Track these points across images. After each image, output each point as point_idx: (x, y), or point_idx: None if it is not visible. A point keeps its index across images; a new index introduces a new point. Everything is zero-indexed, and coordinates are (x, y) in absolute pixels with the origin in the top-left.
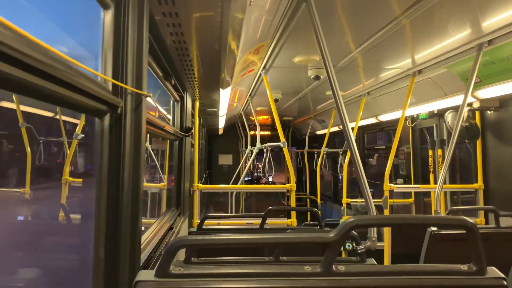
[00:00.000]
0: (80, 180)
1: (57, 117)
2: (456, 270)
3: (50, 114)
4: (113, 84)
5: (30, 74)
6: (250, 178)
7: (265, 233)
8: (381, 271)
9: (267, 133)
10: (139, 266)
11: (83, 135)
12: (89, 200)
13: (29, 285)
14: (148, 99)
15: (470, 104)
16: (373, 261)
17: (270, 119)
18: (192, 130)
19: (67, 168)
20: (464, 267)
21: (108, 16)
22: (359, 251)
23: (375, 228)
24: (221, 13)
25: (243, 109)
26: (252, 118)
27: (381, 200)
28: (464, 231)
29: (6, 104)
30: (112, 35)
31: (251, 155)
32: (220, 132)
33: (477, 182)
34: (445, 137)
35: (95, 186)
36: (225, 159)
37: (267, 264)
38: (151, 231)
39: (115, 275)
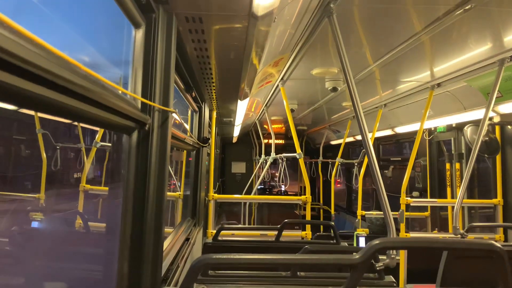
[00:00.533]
0: (99, 187)
1: (75, 123)
2: None
3: (67, 120)
4: (142, 102)
5: (63, 94)
6: (262, 187)
7: (282, 246)
8: None
9: (281, 141)
10: (160, 280)
11: (101, 143)
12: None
13: None
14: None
15: (490, 119)
16: (392, 278)
17: (284, 128)
18: (209, 141)
19: (85, 175)
20: None
21: (139, 35)
22: (377, 268)
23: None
24: (246, 31)
25: (258, 118)
26: (266, 126)
27: (397, 213)
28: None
29: (24, 110)
30: (142, 53)
31: (265, 164)
32: (234, 140)
33: (496, 197)
34: (463, 151)
35: (121, 201)
36: (238, 167)
37: (289, 280)
38: (169, 243)
39: None
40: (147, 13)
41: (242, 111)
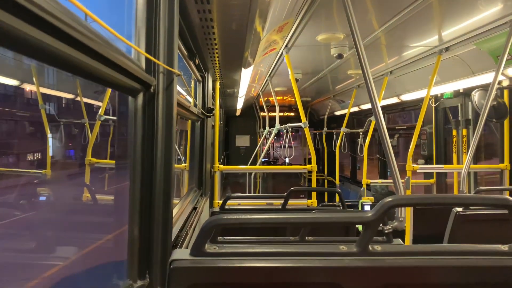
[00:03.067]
0: (105, 161)
1: (78, 99)
2: (496, 250)
3: (70, 96)
4: (147, 63)
5: (70, 46)
6: (266, 159)
7: (289, 213)
8: (419, 251)
9: (284, 114)
10: (171, 245)
11: (105, 116)
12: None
13: (64, 262)
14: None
15: (499, 83)
16: (400, 241)
17: (287, 99)
18: (214, 111)
19: (90, 150)
20: (504, 247)
21: None
22: (386, 231)
23: (403, 208)
24: None
25: (261, 90)
26: (271, 98)
27: (403, 180)
28: (490, 212)
29: (27, 86)
30: (145, 13)
31: (270, 136)
32: (238, 113)
33: (503, 162)
34: (470, 117)
35: (129, 166)
36: (242, 141)
37: (299, 244)
38: (176, 211)
39: (149, 254)
40: None
41: (246, 81)
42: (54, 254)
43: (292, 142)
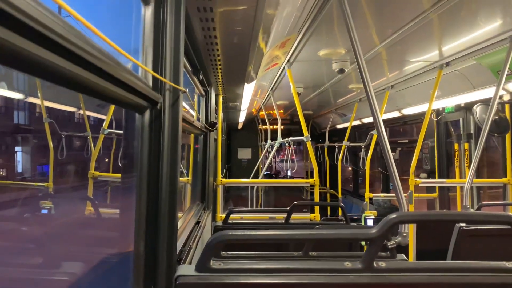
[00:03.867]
0: (108, 174)
1: (81, 112)
2: (501, 267)
3: (73, 109)
4: (153, 80)
5: (77, 66)
6: (268, 172)
7: (292, 228)
8: (424, 268)
9: (285, 127)
10: (176, 260)
11: (109, 130)
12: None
13: (69, 277)
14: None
15: (500, 97)
16: (404, 256)
17: (288, 113)
18: (217, 125)
19: (93, 163)
20: (509, 264)
21: (148, 12)
22: (389, 247)
23: (407, 224)
24: (255, 9)
25: (263, 103)
26: (273, 112)
27: (405, 194)
28: (494, 227)
29: (31, 100)
30: (152, 31)
31: (272, 149)
32: (240, 126)
33: (505, 176)
34: (471, 131)
35: (136, 181)
36: (244, 153)
37: (303, 259)
38: (180, 225)
39: (154, 269)
40: None
41: (248, 95)
42: (59, 269)
43: (293, 156)
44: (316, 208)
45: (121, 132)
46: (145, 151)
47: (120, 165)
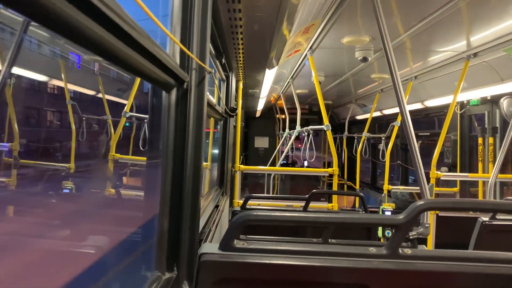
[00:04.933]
0: (127, 156)
1: (100, 95)
2: None
3: (92, 93)
4: (181, 58)
5: (112, 34)
6: (285, 162)
7: (313, 213)
8: (449, 257)
9: (304, 116)
10: (198, 239)
11: (130, 113)
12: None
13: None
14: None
15: None
16: (424, 247)
17: (307, 102)
18: (237, 111)
19: (114, 145)
20: None
21: None
22: (411, 237)
23: (429, 214)
24: None
25: (282, 91)
26: (292, 101)
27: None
28: None
29: (55, 82)
30: (180, 10)
31: (289, 138)
32: (258, 114)
33: None
34: (497, 125)
35: (161, 160)
36: (261, 142)
37: (325, 244)
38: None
39: (177, 246)
40: None
41: (269, 82)
42: (85, 242)
43: (311, 145)
44: (334, 198)
45: (142, 116)
46: (171, 130)
47: (141, 148)
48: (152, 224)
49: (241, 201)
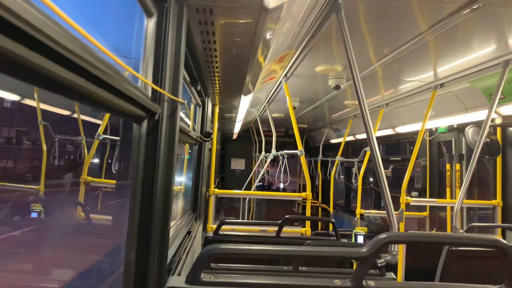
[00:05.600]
0: (100, 180)
1: (75, 115)
2: None
3: (66, 113)
4: (153, 91)
5: (78, 75)
6: (261, 184)
7: (282, 241)
8: None
9: (280, 139)
10: (166, 271)
11: (104, 136)
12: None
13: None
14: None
15: (492, 120)
16: (393, 275)
17: (283, 126)
18: (212, 135)
19: (86, 168)
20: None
21: (151, 24)
22: (379, 265)
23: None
24: (256, 24)
25: (259, 115)
26: (268, 124)
27: (396, 212)
28: (482, 249)
29: (27, 102)
30: (153, 43)
31: (265, 161)
32: (234, 136)
33: (495, 198)
34: (463, 152)
35: (130, 190)
36: (237, 164)
37: (293, 274)
38: (171, 235)
39: (145, 279)
40: (159, 2)
41: (244, 107)
42: (48, 276)
43: (286, 169)
44: (308, 223)
45: (116, 138)
46: (141, 160)
47: (114, 171)
48: (119, 253)
49: (215, 226)
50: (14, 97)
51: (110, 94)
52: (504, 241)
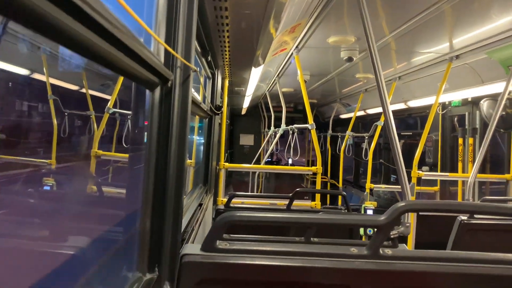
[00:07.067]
0: (110, 153)
1: (83, 90)
2: (501, 259)
3: (75, 87)
4: (165, 57)
5: (93, 33)
6: (270, 159)
7: (297, 213)
8: (430, 257)
9: (289, 115)
10: (180, 239)
11: (114, 109)
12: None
13: (75, 251)
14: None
15: (509, 93)
16: (405, 246)
17: (293, 100)
18: (222, 108)
19: (96, 142)
20: (509, 256)
21: None
22: (392, 236)
23: (409, 214)
24: None
25: (268, 90)
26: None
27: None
28: (495, 222)
29: (37, 76)
30: (165, 8)
31: (274, 137)
32: (243, 112)
33: (509, 172)
34: (477, 126)
35: (144, 159)
36: (246, 139)
37: (307, 244)
38: (183, 206)
39: (159, 247)
40: None
41: (254, 80)
42: (64, 243)
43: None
44: (317, 196)
45: (126, 112)
46: (155, 129)
47: (125, 145)
48: (134, 223)
49: (225, 199)
50: (24, 71)
51: (123, 55)
52: None
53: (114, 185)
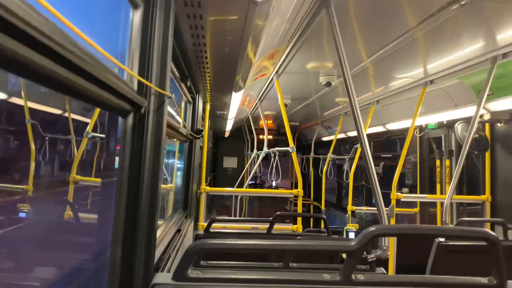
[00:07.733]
0: (89, 178)
1: (66, 114)
2: (476, 283)
3: (58, 112)
4: (139, 84)
5: (63, 67)
6: (253, 182)
7: (274, 238)
8: (402, 282)
9: (270, 137)
10: (153, 268)
11: (93, 134)
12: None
13: (42, 284)
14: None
15: (480, 116)
16: (383, 270)
17: (275, 124)
18: (203, 132)
19: (75, 167)
20: (484, 280)
21: (137, 16)
22: (369, 260)
23: (387, 237)
24: (245, 18)
25: (251, 113)
26: (260, 122)
27: (387, 208)
28: (471, 243)
29: (15, 100)
30: (139, 35)
31: (257, 159)
32: (227, 134)
33: (484, 194)
34: (453, 148)
35: (116, 185)
36: (230, 162)
37: (282, 270)
38: (160, 233)
39: (131, 276)
40: None
41: (236, 104)
42: (33, 274)
43: (278, 167)
44: (299, 220)
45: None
46: (127, 155)
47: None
48: (106, 252)
49: (206, 224)
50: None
51: (94, 86)
52: (493, 233)
53: (92, 211)
